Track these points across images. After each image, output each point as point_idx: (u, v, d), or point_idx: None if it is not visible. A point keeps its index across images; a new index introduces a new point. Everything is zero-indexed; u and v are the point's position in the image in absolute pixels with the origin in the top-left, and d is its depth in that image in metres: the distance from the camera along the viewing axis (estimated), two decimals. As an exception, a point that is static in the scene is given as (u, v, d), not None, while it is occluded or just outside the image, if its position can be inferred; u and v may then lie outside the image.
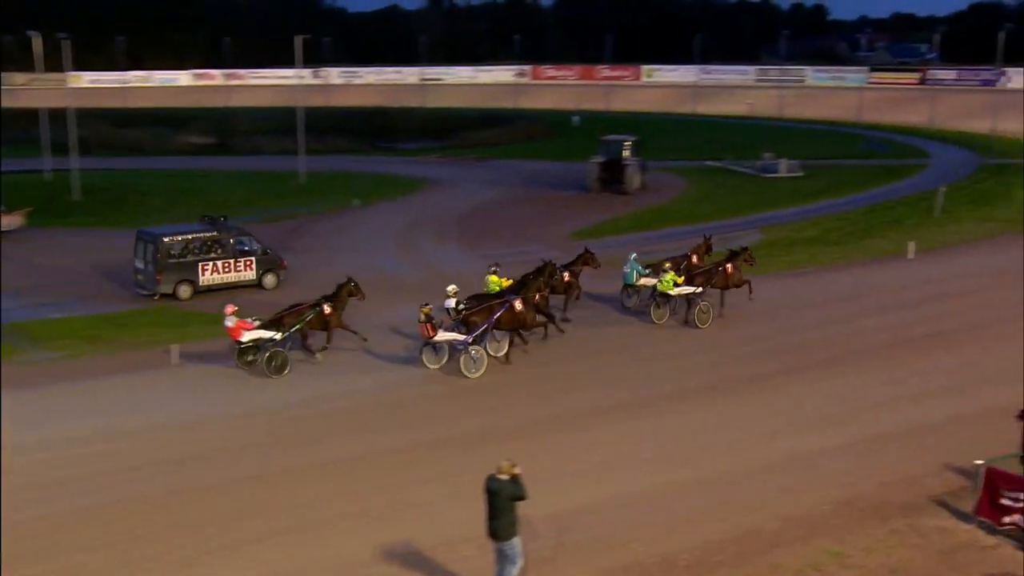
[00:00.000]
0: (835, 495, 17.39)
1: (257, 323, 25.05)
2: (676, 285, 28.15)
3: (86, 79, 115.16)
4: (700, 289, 28.26)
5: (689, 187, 57.54)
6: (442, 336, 24.27)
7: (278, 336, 24.94)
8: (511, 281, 27.57)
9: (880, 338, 26.63)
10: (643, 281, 29.52)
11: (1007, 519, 15.62)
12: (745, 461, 18.82)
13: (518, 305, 25.01)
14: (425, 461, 19.19)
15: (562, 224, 45.94)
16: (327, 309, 25.71)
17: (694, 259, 30.54)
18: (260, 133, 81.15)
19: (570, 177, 58.14)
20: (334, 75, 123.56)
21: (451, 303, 25.56)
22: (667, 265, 28.82)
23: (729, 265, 29.18)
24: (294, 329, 25.25)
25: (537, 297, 25.83)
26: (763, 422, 20.76)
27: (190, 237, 33.10)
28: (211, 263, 33.07)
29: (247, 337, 24.75)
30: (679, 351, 25.97)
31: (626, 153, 54.83)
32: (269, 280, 33.89)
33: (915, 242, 38.27)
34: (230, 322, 24.74)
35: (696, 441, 19.86)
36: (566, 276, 28.59)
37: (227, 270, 33.33)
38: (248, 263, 33.59)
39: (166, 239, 32.75)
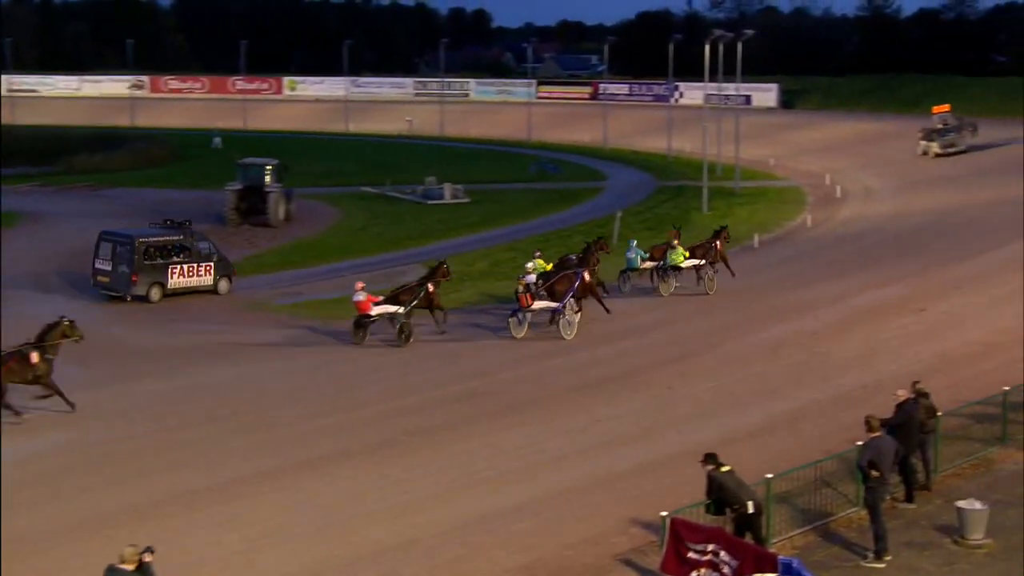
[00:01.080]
0: (513, 561, 17.88)
1: (382, 298, 31.39)
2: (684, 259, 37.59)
3: None
4: (703, 262, 37.81)
5: (343, 217, 57.92)
6: (538, 304, 31.71)
7: (402, 310, 31.17)
8: (551, 265, 35.39)
9: (562, 381, 27.78)
10: (646, 265, 38.18)
11: (694, 574, 16.64)
12: (412, 528, 19.01)
13: (587, 276, 32.89)
14: (48, 551, 18.07)
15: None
16: (431, 287, 32.03)
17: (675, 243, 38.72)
18: None
19: (203, 207, 57.00)
20: None
21: (532, 278, 32.81)
22: (675, 242, 38.03)
23: (718, 242, 38.69)
24: (412, 305, 31.50)
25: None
26: (433, 482, 21.07)
27: (161, 239, 38.24)
28: (178, 266, 38.04)
29: (376, 311, 31.10)
30: (341, 406, 25.97)
31: (268, 179, 54.49)
32: (223, 286, 39.09)
33: (592, 273, 40.32)
34: (360, 296, 31.02)
35: (357, 509, 19.88)
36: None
37: (191, 274, 38.40)
38: (208, 268, 38.78)
39: (141, 240, 37.54)
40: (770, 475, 17.95)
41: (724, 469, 16.91)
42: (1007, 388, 22.39)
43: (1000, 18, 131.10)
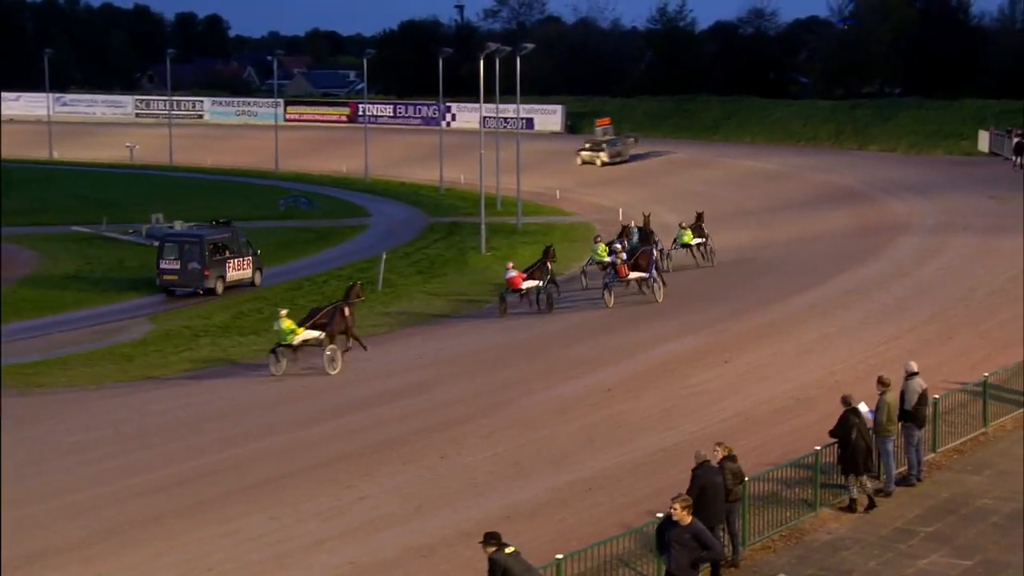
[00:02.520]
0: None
1: (525, 275, 42.76)
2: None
3: None
4: (705, 239, 52.76)
5: (47, 263, 56.43)
6: (633, 275, 43.29)
7: (542, 284, 42.72)
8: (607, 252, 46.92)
9: (317, 453, 27.55)
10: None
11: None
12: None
13: (654, 252, 45.09)
14: None
15: None
16: (550, 265, 43.67)
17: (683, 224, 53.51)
18: None
19: None
20: None
21: (625, 256, 44.03)
22: (683, 223, 53.13)
23: (703, 225, 53.58)
24: (548, 280, 43.20)
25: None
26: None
27: (220, 237, 49.54)
28: (232, 261, 49.33)
29: (525, 285, 42.52)
30: (42, 493, 25.12)
31: (-46, 217, 52.85)
32: (257, 278, 50.58)
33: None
34: (512, 273, 42.54)
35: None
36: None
37: (240, 268, 49.75)
38: (248, 261, 50.32)
39: (209, 238, 48.79)
40: (560, 555, 18.17)
41: (508, 551, 17.05)
42: (818, 448, 23.26)
43: (800, 34, 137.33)
